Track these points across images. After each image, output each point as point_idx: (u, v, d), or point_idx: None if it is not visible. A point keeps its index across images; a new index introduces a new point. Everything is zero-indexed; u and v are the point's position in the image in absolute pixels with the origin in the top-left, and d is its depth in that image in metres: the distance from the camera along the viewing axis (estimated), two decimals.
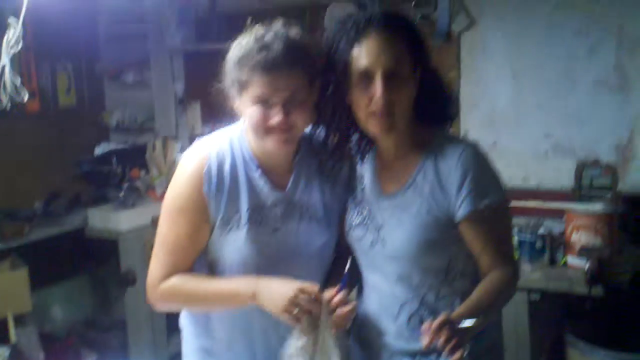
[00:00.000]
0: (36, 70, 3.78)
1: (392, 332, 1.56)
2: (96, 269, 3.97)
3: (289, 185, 1.60)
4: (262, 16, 1.58)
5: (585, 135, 3.05)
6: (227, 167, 1.57)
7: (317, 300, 1.43)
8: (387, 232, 1.53)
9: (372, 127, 1.49)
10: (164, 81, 4.02)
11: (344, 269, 1.52)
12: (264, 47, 1.46)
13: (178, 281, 1.57)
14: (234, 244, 1.57)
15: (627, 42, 2.92)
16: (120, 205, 3.64)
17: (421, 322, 1.41)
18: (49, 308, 3.75)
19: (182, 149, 3.91)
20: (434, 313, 1.46)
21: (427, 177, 1.51)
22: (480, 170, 1.49)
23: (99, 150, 4.06)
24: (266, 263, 1.57)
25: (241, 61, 1.48)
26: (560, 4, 3.04)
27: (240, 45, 1.50)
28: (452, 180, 1.48)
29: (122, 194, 3.66)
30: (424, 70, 1.51)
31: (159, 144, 3.88)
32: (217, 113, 1.66)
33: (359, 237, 1.59)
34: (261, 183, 1.58)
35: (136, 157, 3.90)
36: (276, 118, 1.47)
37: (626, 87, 2.94)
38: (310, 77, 1.50)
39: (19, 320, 3.07)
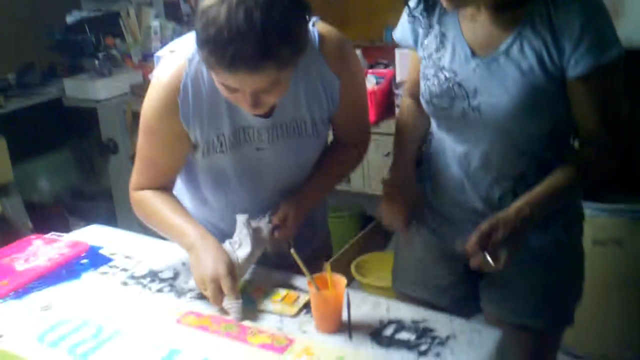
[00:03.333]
0: None
1: (480, 210, 1.44)
2: (78, 140, 3.95)
3: (275, 110, 1.45)
4: None
5: None
6: (204, 92, 1.42)
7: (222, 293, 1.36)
8: (485, 98, 1.33)
9: None
10: None
11: None
12: (232, 39, 1.17)
13: (145, 198, 1.51)
14: (218, 163, 1.50)
15: None
16: (96, 74, 3.57)
17: (515, 198, 1.35)
18: (34, 180, 3.76)
19: (157, 16, 3.80)
20: (533, 185, 1.35)
21: (537, 28, 1.28)
22: (602, 21, 1.27)
23: (70, 18, 3.91)
24: (251, 178, 1.53)
25: (204, 46, 1.22)
26: None
27: (207, 19, 1.20)
28: (570, 32, 1.24)
29: (97, 62, 3.58)
30: None
31: (132, 10, 3.74)
32: None
33: (444, 106, 1.40)
34: (244, 109, 1.41)
35: (110, 24, 3.77)
36: (244, 104, 1.32)
37: None
38: (291, 60, 1.26)
39: (3, 190, 3.07)
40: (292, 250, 1.29)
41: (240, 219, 1.46)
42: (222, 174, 1.52)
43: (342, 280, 1.31)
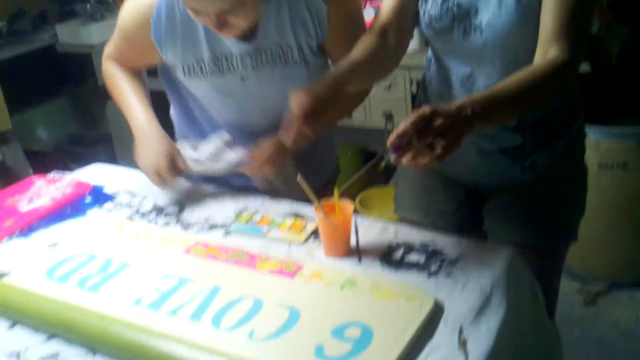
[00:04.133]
0: None
1: (483, 132, 1.40)
2: (74, 86, 3.89)
3: (258, 34, 1.43)
4: None
5: None
6: (178, 16, 1.43)
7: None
8: (485, 16, 1.30)
9: None
10: None
11: None
12: None
13: (114, 72, 1.62)
14: (200, 88, 1.51)
15: None
16: (89, 18, 3.50)
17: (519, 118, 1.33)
18: (32, 128, 3.72)
19: None
20: None
21: None
22: None
23: None
24: (237, 105, 1.51)
25: None
26: None
27: None
28: None
29: (89, 6, 3.51)
30: None
31: None
32: None
33: (445, 28, 1.36)
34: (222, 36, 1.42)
35: None
36: (211, 26, 1.34)
37: None
38: None
39: (2, 138, 3.03)
40: (299, 177, 1.27)
41: (221, 135, 1.52)
42: (207, 96, 1.53)
43: (349, 205, 1.29)
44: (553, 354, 1.34)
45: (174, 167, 1.46)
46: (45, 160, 3.16)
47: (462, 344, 1.03)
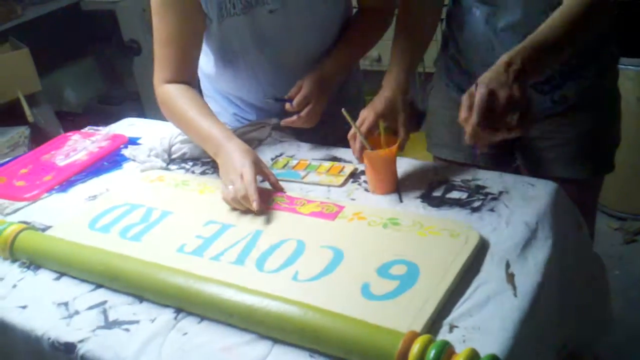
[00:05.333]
0: None
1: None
2: (99, 45, 3.89)
3: None
4: None
5: None
6: None
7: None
8: None
9: None
10: None
11: None
12: None
13: (170, 97, 1.45)
14: (234, 31, 1.46)
15: None
16: None
17: None
18: (61, 89, 3.73)
19: None
20: None
21: None
22: None
23: None
24: (270, 46, 1.49)
25: None
26: None
27: None
28: None
29: None
30: None
31: None
32: None
33: None
34: None
35: None
36: None
37: None
38: None
39: (33, 100, 3.05)
40: (343, 110, 1.25)
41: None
42: (242, 44, 1.49)
43: (394, 139, 1.28)
44: (598, 286, 1.32)
45: (257, 169, 1.29)
46: (75, 120, 3.18)
47: (510, 278, 1.02)
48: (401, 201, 1.24)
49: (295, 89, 1.47)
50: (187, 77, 1.49)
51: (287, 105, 1.46)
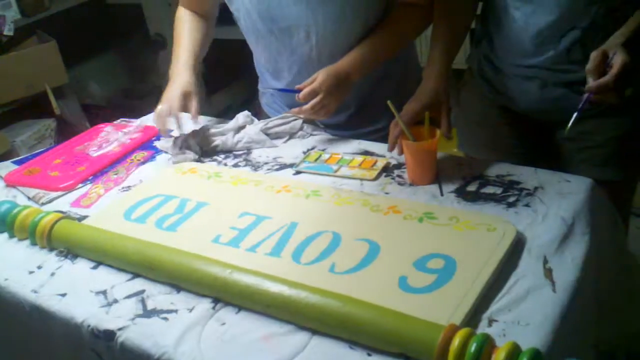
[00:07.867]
0: None
1: (546, 64, 1.37)
2: (125, 39, 3.91)
3: None
4: None
5: None
6: None
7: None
8: None
9: None
10: None
11: None
12: None
13: (179, 18, 1.66)
14: (245, 13, 1.51)
15: None
16: None
17: (584, 49, 1.28)
18: (86, 82, 3.76)
19: None
20: (603, 34, 1.25)
21: None
22: None
23: None
24: (286, 35, 1.50)
25: None
26: None
27: None
28: None
29: None
30: None
31: None
32: None
33: None
34: None
35: None
36: None
37: None
38: None
39: (59, 92, 3.08)
40: (388, 102, 1.25)
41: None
42: (254, 27, 1.53)
43: (436, 130, 1.28)
44: (634, 284, 1.31)
45: (184, 108, 1.51)
46: (100, 113, 3.20)
47: (548, 273, 1.01)
48: (442, 194, 1.24)
49: (309, 81, 1.43)
50: (198, 8, 1.66)
51: (297, 96, 1.44)
